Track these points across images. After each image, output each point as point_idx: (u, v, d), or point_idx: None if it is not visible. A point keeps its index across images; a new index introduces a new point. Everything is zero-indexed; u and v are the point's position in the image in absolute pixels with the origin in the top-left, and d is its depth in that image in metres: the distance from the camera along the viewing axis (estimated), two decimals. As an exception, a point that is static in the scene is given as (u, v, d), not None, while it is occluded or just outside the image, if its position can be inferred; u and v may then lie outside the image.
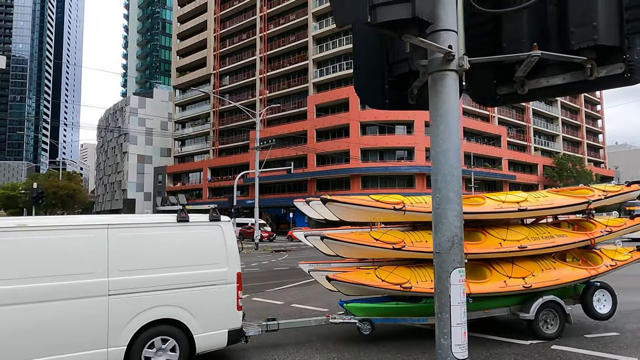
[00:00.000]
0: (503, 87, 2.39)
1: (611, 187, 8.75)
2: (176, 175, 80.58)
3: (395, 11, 1.79)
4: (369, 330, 7.14)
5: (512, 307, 7.64)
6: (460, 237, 2.01)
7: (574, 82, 2.21)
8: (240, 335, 6.52)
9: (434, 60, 2.09)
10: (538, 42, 2.20)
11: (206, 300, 6.13)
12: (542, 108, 73.80)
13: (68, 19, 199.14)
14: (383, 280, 6.85)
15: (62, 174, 76.53)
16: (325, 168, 55.52)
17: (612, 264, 8.09)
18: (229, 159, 68.82)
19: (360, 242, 6.92)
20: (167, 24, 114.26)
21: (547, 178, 67.01)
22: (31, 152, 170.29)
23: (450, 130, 2.04)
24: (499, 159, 61.43)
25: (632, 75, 2.08)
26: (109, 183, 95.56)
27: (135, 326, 5.62)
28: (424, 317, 7.33)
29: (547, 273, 7.56)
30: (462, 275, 2.02)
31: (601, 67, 2.14)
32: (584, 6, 2.11)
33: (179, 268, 6.03)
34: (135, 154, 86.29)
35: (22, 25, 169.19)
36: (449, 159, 2.03)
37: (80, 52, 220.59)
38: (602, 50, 2.11)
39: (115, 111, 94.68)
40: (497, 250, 7.24)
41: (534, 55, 2.08)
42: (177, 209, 6.54)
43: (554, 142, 77.16)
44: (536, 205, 7.68)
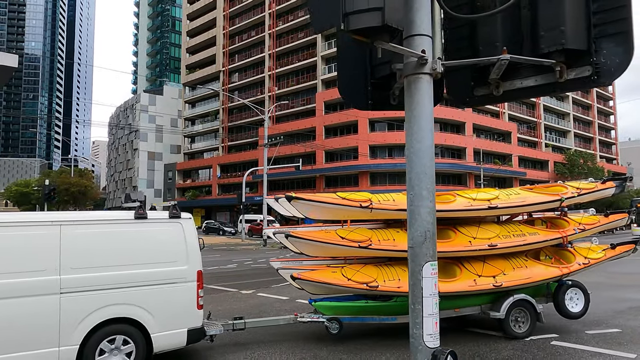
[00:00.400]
0: (480, 88, 2.48)
1: (585, 185, 8.63)
2: (186, 172, 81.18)
3: (367, 19, 1.90)
4: (337, 330, 7.06)
5: (483, 306, 7.58)
6: (432, 232, 2.11)
7: (545, 84, 2.29)
8: (201, 335, 6.37)
9: (409, 64, 2.19)
10: (512, 46, 2.28)
11: (164, 299, 5.99)
12: (553, 104, 73.16)
13: (79, 17, 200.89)
14: (349, 279, 6.74)
15: (74, 171, 77.39)
16: (334, 165, 55.58)
17: (585, 262, 8.02)
18: (238, 155, 69.16)
19: (325, 240, 6.80)
20: (177, 21, 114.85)
21: (558, 174, 66.44)
22: (44, 149, 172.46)
23: (423, 131, 2.13)
24: (509, 155, 61.05)
25: (599, 77, 2.16)
26: (120, 180, 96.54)
27: (88, 325, 5.49)
28: (392, 317, 7.26)
29: (519, 271, 7.49)
30: (434, 269, 2.12)
31: (570, 70, 2.23)
32: (553, 11, 2.19)
33: (136, 266, 5.89)
34: (146, 150, 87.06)
35: (35, 24, 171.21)
36: (422, 159, 2.13)
37: (92, 49, 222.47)
38: (570, 53, 2.19)
39: (126, 108, 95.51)
40: (466, 248, 7.17)
41: (503, 59, 2.17)
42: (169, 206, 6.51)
43: (565, 138, 76.52)
44: (507, 203, 7.60)
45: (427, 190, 2.15)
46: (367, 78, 2.58)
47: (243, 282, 14.68)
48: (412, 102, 2.16)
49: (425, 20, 2.20)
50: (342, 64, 2.60)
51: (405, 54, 2.17)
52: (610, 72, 2.12)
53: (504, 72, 2.37)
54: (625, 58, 2.08)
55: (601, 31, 2.16)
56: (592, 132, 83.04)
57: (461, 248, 7.14)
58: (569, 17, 2.15)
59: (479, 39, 2.38)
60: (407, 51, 2.16)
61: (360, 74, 2.58)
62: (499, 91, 2.41)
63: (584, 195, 8.37)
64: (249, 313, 9.60)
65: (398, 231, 7.22)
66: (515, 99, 2.51)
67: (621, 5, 2.11)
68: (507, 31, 2.34)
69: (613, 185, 8.64)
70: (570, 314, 7.99)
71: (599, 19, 2.16)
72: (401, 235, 7.11)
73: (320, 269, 7.19)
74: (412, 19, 2.19)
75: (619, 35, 2.11)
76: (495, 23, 2.36)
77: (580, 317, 8.13)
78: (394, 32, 1.97)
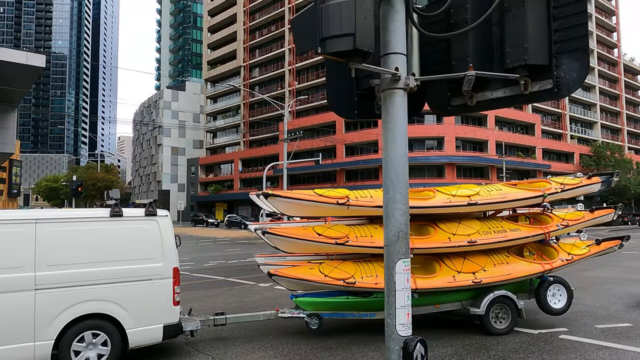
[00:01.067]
0: (456, 98, 2.67)
1: (570, 180, 8.54)
2: (208, 166, 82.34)
3: (340, 44, 2.12)
4: (317, 325, 7.12)
5: (464, 302, 7.57)
6: (405, 232, 2.32)
7: (512, 95, 2.47)
8: (178, 330, 6.47)
9: (384, 80, 2.40)
10: (483, 61, 2.48)
11: (140, 295, 6.09)
12: (579, 95, 71.55)
13: (104, 15, 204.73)
14: (326, 276, 6.76)
15: (100, 166, 79.37)
16: (354, 159, 55.67)
17: (568, 258, 7.98)
18: (259, 150, 69.83)
19: (302, 237, 6.81)
20: (198, 17, 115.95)
21: (584, 167, 65.12)
22: (72, 145, 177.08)
23: (397, 141, 2.35)
24: (532, 147, 60.10)
25: (559, 90, 2.33)
26: (145, 174, 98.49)
27: (63, 320, 5.61)
28: (371, 312, 7.30)
29: (499, 268, 7.48)
30: (407, 265, 2.34)
31: (534, 83, 2.40)
32: (517, 29, 2.37)
33: (111, 263, 5.98)
34: (169, 146, 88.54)
35: (61, 23, 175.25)
36: (396, 166, 2.35)
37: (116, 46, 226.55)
38: (533, 68, 2.36)
39: (150, 105, 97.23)
40: (445, 245, 7.17)
41: (469, 75, 2.37)
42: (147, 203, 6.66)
43: (591, 129, 74.82)
44: (487, 199, 7.56)
45: (400, 194, 2.36)
46: (353, 89, 2.81)
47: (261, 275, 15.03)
48: (387, 114, 2.38)
49: (400, 40, 2.40)
50: (330, 76, 2.83)
51: (379, 72, 2.39)
52: (569, 86, 2.30)
53: (477, 84, 2.56)
54: (582, 73, 2.25)
55: (561, 47, 2.33)
56: (620, 123, 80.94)
57: (440, 244, 7.16)
58: (531, 35, 2.33)
59: (452, 54, 2.58)
60: (379, 69, 2.38)
61: (346, 86, 2.81)
62: (473, 101, 2.60)
63: (568, 191, 8.31)
64: (264, 306, 9.89)
65: (376, 228, 7.23)
66: (488, 109, 2.70)
67: (579, 24, 2.28)
68: (479, 47, 2.53)
69: (599, 181, 8.57)
70: (552, 310, 7.92)
71: (560, 37, 2.33)
72: (379, 232, 7.10)
73: (301, 265, 7.23)
74: (387, 39, 2.41)
75: (576, 51, 2.28)
76: (467, 40, 2.55)
77: (562, 313, 8.07)
78: (365, 54, 2.19)
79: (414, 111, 2.93)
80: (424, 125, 52.97)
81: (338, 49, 2.13)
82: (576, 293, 11.33)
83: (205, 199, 78.15)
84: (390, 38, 2.40)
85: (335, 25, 2.11)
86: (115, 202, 6.73)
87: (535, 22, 2.33)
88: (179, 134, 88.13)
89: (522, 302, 7.72)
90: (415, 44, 2.62)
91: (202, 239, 37.59)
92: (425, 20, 2.63)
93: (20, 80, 21.77)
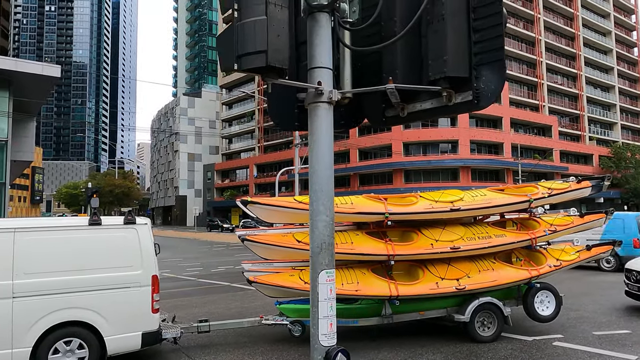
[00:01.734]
0: (390, 110, 2.69)
1: (558, 185, 8.40)
2: (224, 172, 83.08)
3: (253, 60, 2.17)
4: (300, 332, 7.11)
5: (449, 308, 7.47)
6: (328, 243, 2.35)
7: (439, 107, 2.48)
8: (157, 338, 6.48)
9: (309, 94, 2.44)
10: (412, 73, 2.50)
11: (118, 303, 6.13)
12: (597, 95, 70.33)
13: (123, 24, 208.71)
14: (306, 283, 6.64)
15: (118, 173, 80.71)
16: (368, 163, 55.58)
17: (556, 264, 7.84)
18: (274, 155, 70.21)
19: (280, 243, 6.79)
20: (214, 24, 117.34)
21: (604, 169, 63.85)
22: (92, 152, 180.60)
23: (321, 154, 2.38)
24: (549, 149, 59.21)
25: (479, 102, 2.33)
26: (162, 180, 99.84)
27: (41, 328, 5.66)
28: (354, 320, 7.24)
29: (485, 274, 7.36)
30: (330, 276, 2.37)
31: (457, 94, 2.41)
32: (438, 42, 2.38)
33: (89, 271, 6.03)
34: (186, 152, 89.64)
35: (82, 33, 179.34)
36: (320, 178, 2.38)
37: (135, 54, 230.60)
38: (454, 80, 2.37)
39: (167, 111, 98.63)
40: (427, 251, 7.09)
41: (388, 88, 2.40)
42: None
43: (611, 130, 73.34)
44: (471, 205, 7.49)
45: (324, 206, 2.39)
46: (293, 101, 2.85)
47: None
48: (313, 127, 2.42)
49: (324, 55, 2.44)
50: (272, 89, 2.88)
51: (298, 86, 2.44)
52: (487, 97, 2.31)
53: (408, 96, 2.59)
54: (499, 85, 2.26)
55: (481, 59, 2.34)
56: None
57: (422, 251, 7.09)
58: (450, 47, 2.34)
59: (383, 67, 2.61)
60: (296, 84, 2.44)
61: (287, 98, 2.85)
62: (404, 113, 2.63)
63: (555, 196, 8.20)
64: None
65: (357, 234, 7.22)
66: (418, 120, 2.72)
67: (496, 36, 2.29)
68: (408, 60, 2.56)
69: (589, 185, 8.41)
70: (540, 317, 7.79)
71: (479, 49, 2.34)
72: (360, 238, 7.12)
73: (285, 271, 7.23)
74: (312, 54, 2.45)
75: (494, 63, 2.29)
76: (395, 53, 2.58)
77: (550, 320, 7.92)
78: (280, 70, 2.24)
79: (354, 123, 2.97)
80: (438, 129, 52.66)
81: (252, 65, 2.19)
82: (579, 298, 11.22)
83: (221, 205, 78.81)
84: (314, 53, 2.44)
85: (249, 43, 2.16)
86: (94, 211, 6.81)
87: (455, 35, 2.34)
88: (195, 140, 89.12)
89: (508, 308, 7.61)
90: (347, 57, 2.66)
91: (216, 244, 37.87)
92: (359, 34, 2.67)
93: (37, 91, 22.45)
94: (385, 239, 7.28)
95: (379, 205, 7.25)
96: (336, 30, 2.51)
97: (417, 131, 52.89)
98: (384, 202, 7.35)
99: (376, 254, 7.00)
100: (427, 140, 52.68)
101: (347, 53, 2.65)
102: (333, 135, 2.50)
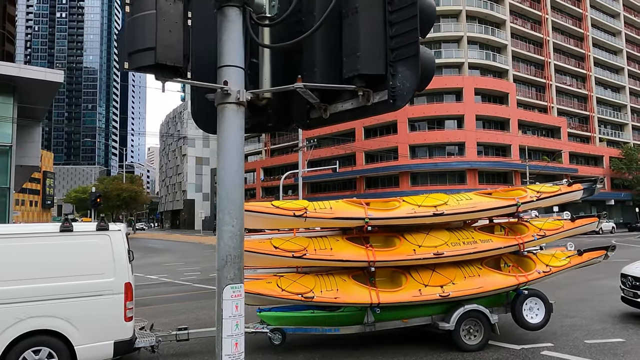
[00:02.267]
0: (314, 111, 2.51)
1: (547, 188, 8.13)
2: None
3: (142, 58, 2.01)
4: (280, 340, 6.96)
5: (434, 316, 7.26)
6: (234, 255, 2.17)
7: (359, 107, 2.28)
8: (130, 347, 6.35)
9: (217, 95, 2.27)
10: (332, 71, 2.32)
11: (89, 311, 6.00)
12: (607, 96, 69.33)
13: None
14: (283, 290, 6.57)
15: (125, 177, 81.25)
16: (374, 166, 55.29)
17: (545, 270, 7.57)
18: (281, 158, 70.20)
19: (257, 250, 6.60)
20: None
21: (614, 170, 62.89)
22: (102, 156, 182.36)
23: (228, 159, 2.19)
24: (558, 151, 58.42)
25: (395, 101, 2.14)
26: (171, 184, 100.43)
27: (9, 337, 5.55)
28: (336, 328, 7.10)
29: (470, 280, 7.12)
30: (236, 292, 2.18)
31: (375, 94, 2.22)
32: (352, 37, 2.19)
33: (59, 278, 5.90)
34: (194, 156, 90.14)
35: (92, 39, 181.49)
36: (227, 184, 2.19)
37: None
38: (370, 78, 2.17)
39: (175, 116, 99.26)
40: (409, 257, 6.88)
41: (297, 87, 2.21)
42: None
43: (622, 131, 72.17)
44: (455, 210, 7.25)
45: (230, 215, 2.21)
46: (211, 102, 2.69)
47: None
48: (221, 129, 2.24)
49: (234, 52, 2.27)
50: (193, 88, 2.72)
51: (205, 87, 2.27)
52: (403, 96, 2.11)
53: (330, 96, 2.41)
54: (414, 82, 2.06)
55: (397, 55, 2.14)
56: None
57: (404, 257, 6.88)
58: (364, 43, 2.15)
59: (303, 65, 2.43)
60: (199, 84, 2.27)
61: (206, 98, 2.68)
62: (327, 114, 2.45)
63: (544, 200, 7.93)
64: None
65: (337, 240, 7.04)
66: (340, 121, 2.53)
67: (411, 29, 2.09)
68: (327, 56, 2.37)
69: (581, 188, 8.13)
70: (529, 325, 7.52)
71: (396, 44, 2.15)
72: (340, 244, 6.93)
73: (265, 277, 7.08)
74: (221, 52, 2.28)
75: (410, 59, 2.09)
76: (314, 49, 2.40)
77: (540, 328, 7.65)
78: (175, 68, 2.07)
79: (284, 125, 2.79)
80: (445, 131, 52.27)
81: (141, 64, 2.02)
82: (576, 304, 10.90)
83: (229, 208, 78.84)
84: (223, 50, 2.26)
85: (138, 39, 2.00)
86: (65, 217, 6.74)
87: (369, 29, 2.15)
88: (203, 144, 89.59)
89: (495, 316, 7.38)
90: (266, 56, 2.48)
91: (220, 248, 37.70)
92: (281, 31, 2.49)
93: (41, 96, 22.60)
94: (366, 244, 7.08)
95: (359, 210, 7.05)
96: (247, 25, 2.33)
97: (423, 134, 52.56)
98: (365, 206, 7.15)
99: (356, 260, 6.81)
100: (434, 142, 52.30)
101: (267, 51, 2.48)
102: (244, 138, 2.32)
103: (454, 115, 52.07)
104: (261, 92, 2.36)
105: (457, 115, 52.08)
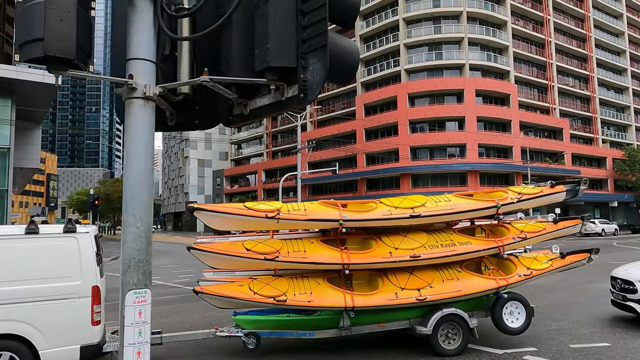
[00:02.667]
0: (236, 108, 2.39)
1: (529, 190, 7.94)
2: (233, 177, 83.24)
3: (31, 50, 1.90)
4: (254, 345, 6.86)
5: (412, 320, 7.12)
6: (137, 259, 2.05)
7: (276, 102, 2.17)
8: (97, 351, 6.20)
9: (125, 89, 2.15)
10: (247, 64, 2.20)
11: (54, 315, 5.87)
12: (610, 97, 68.84)
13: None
14: (255, 293, 6.43)
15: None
16: (375, 167, 55.11)
17: (526, 273, 7.39)
18: (282, 160, 70.13)
19: (229, 252, 6.49)
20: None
21: (618, 172, 62.39)
22: (106, 159, 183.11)
23: (134, 157, 2.07)
24: (560, 153, 58.03)
25: (306, 96, 2.01)
26: (173, 186, 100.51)
27: None
28: (310, 332, 6.98)
29: (449, 284, 6.97)
30: (140, 297, 2.06)
31: (289, 87, 2.10)
32: (262, 28, 2.07)
33: (23, 282, 5.78)
34: (196, 158, 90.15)
35: (96, 41, 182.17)
36: (132, 184, 2.07)
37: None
38: (281, 71, 2.05)
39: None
40: (385, 260, 6.72)
41: (202, 80, 2.09)
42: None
43: (626, 132, 71.61)
44: (432, 212, 7.08)
45: (134, 216, 2.08)
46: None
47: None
48: (128, 125, 2.12)
49: (142, 45, 2.15)
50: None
51: (102, 80, 2.16)
52: (313, 90, 1.98)
53: (249, 91, 2.29)
54: (323, 75, 1.93)
55: (310, 46, 2.02)
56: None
57: (379, 259, 6.72)
58: (274, 33, 2.03)
59: (221, 58, 2.31)
60: (97, 77, 2.15)
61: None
62: (247, 110, 2.32)
63: (525, 201, 7.75)
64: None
65: (312, 242, 6.88)
66: (260, 117, 2.40)
67: (320, 19, 1.97)
68: (244, 48, 2.25)
69: (564, 190, 7.96)
70: (509, 330, 7.35)
71: (309, 34, 2.02)
72: (315, 246, 6.78)
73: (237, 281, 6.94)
74: (129, 44, 2.16)
75: (319, 50, 1.97)
76: (231, 42, 2.27)
77: (520, 332, 7.48)
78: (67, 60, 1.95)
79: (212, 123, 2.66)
80: (446, 133, 52.03)
81: (30, 56, 1.91)
82: (566, 307, 10.68)
83: (230, 210, 78.85)
84: (131, 42, 2.15)
85: (28, 29, 1.89)
86: (31, 219, 6.63)
87: (278, 19, 2.03)
88: (205, 146, 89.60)
89: (475, 320, 7.21)
90: (185, 48, 2.36)
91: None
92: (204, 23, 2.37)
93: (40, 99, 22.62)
94: (341, 247, 6.94)
95: (333, 212, 6.92)
96: (158, 16, 2.21)
97: (424, 135, 52.34)
98: (340, 208, 7.02)
99: (330, 262, 6.67)
100: (435, 144, 52.09)
101: (185, 45, 2.36)
102: (153, 135, 2.19)
103: (455, 116, 51.85)
104: (169, 86, 2.23)
105: (458, 117, 51.85)
